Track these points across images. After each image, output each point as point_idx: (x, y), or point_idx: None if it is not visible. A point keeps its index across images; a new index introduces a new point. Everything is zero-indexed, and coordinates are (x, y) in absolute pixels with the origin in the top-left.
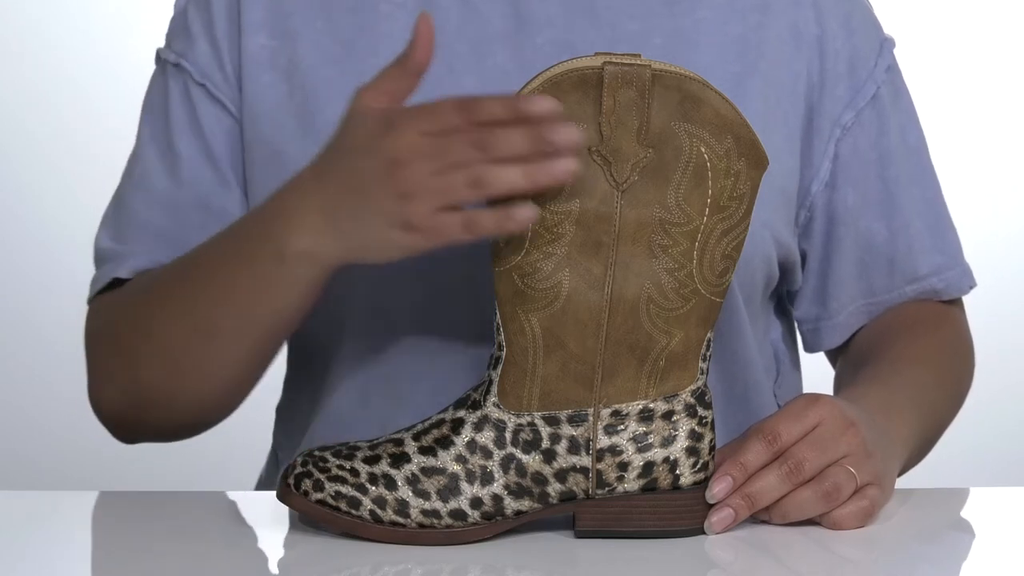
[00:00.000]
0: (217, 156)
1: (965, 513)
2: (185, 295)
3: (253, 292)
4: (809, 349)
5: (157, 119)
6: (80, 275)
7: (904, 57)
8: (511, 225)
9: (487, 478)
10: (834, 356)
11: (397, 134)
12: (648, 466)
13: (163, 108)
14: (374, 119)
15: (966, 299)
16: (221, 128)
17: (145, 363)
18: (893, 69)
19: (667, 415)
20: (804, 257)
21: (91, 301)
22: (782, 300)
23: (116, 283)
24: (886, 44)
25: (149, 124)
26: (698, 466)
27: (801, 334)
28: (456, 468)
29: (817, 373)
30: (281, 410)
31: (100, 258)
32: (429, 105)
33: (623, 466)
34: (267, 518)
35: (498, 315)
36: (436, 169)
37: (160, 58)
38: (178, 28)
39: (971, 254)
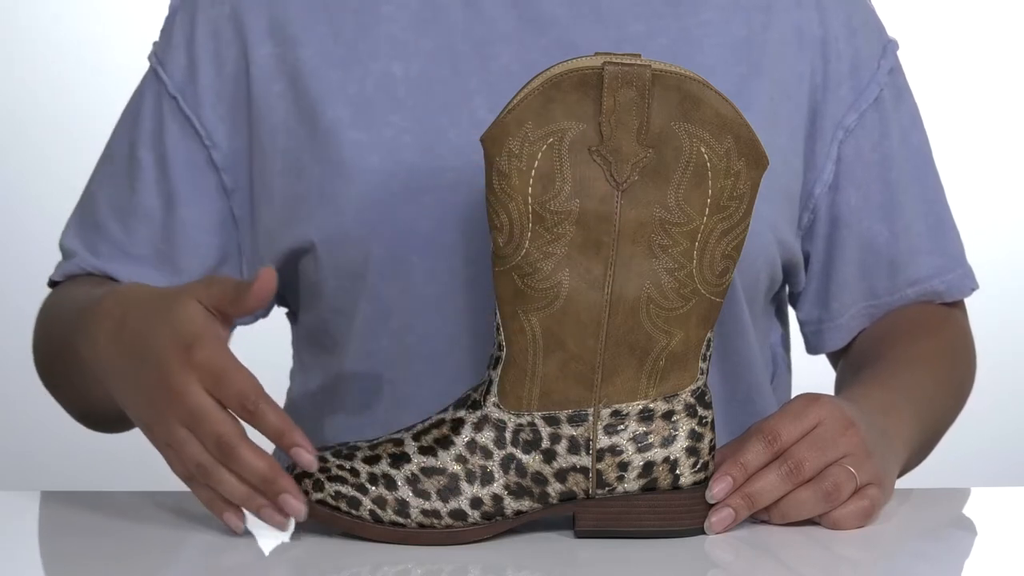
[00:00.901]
0: (171, 174)
1: (965, 513)
2: (48, 336)
3: (68, 363)
4: (812, 351)
5: (130, 120)
6: None
7: (907, 59)
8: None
9: (487, 478)
10: (835, 358)
11: (186, 371)
12: (648, 466)
13: (137, 111)
14: (184, 342)
15: (968, 300)
16: (184, 146)
17: (38, 363)
18: (896, 71)
19: (667, 415)
20: (807, 259)
21: (49, 284)
22: (782, 303)
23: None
24: (889, 46)
25: (124, 123)
26: (698, 466)
27: (804, 336)
28: (456, 468)
29: (807, 377)
30: (286, 408)
31: (62, 251)
32: (223, 379)
33: (623, 466)
34: None
35: (498, 315)
36: (189, 419)
37: (150, 55)
38: (165, 30)
39: (973, 255)
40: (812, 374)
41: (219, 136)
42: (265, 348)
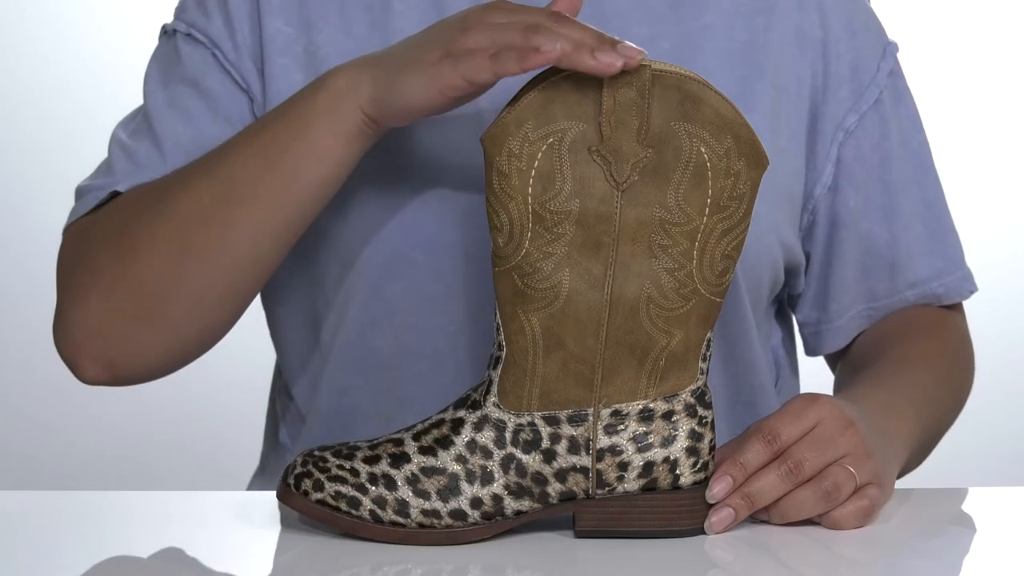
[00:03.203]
0: (225, 110)
1: (965, 513)
2: (219, 165)
3: (293, 142)
4: (811, 352)
5: (162, 79)
6: None
7: (907, 61)
8: (536, 59)
9: (487, 478)
10: (834, 360)
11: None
12: (648, 466)
13: (168, 70)
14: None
15: (967, 301)
16: (229, 95)
17: (146, 252)
18: (896, 73)
19: (667, 415)
20: (807, 260)
21: (68, 229)
22: (782, 306)
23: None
24: (889, 48)
25: (154, 84)
26: (698, 466)
27: (803, 337)
28: (456, 468)
29: (813, 378)
30: (283, 400)
31: (91, 188)
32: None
33: (623, 466)
34: (267, 518)
35: (498, 315)
36: (502, 22)
37: (166, 31)
38: (191, 4)
39: (972, 257)
40: (822, 378)
41: (256, 91)
42: (264, 341)
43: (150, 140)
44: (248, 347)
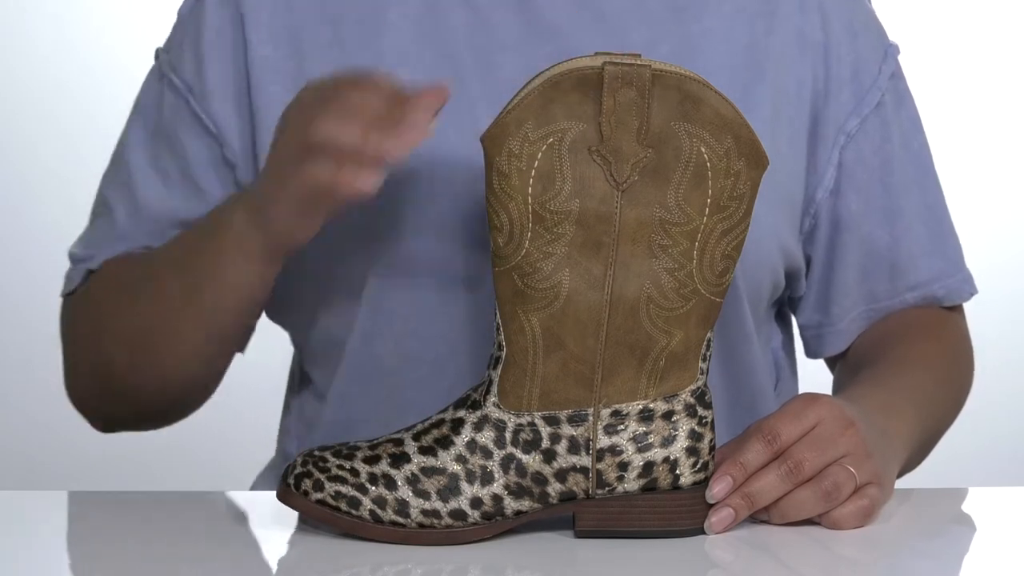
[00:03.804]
0: (195, 173)
1: (965, 513)
2: (152, 272)
3: (210, 280)
4: (811, 355)
5: (144, 124)
6: None
7: (907, 62)
8: (345, 187)
9: (487, 478)
10: (833, 361)
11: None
12: (648, 466)
13: (149, 115)
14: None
15: (967, 301)
16: (200, 144)
17: (110, 341)
18: (897, 76)
19: (667, 415)
20: (808, 263)
21: (65, 297)
22: (782, 308)
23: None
24: (890, 50)
25: (136, 128)
26: (698, 466)
27: (804, 340)
28: (456, 468)
29: (813, 380)
30: (289, 407)
31: (75, 260)
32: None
33: (623, 466)
34: (267, 518)
35: (498, 315)
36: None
37: (158, 57)
38: (175, 37)
39: (972, 257)
40: (822, 379)
41: (230, 134)
42: (265, 354)
43: (127, 203)
44: (249, 348)
